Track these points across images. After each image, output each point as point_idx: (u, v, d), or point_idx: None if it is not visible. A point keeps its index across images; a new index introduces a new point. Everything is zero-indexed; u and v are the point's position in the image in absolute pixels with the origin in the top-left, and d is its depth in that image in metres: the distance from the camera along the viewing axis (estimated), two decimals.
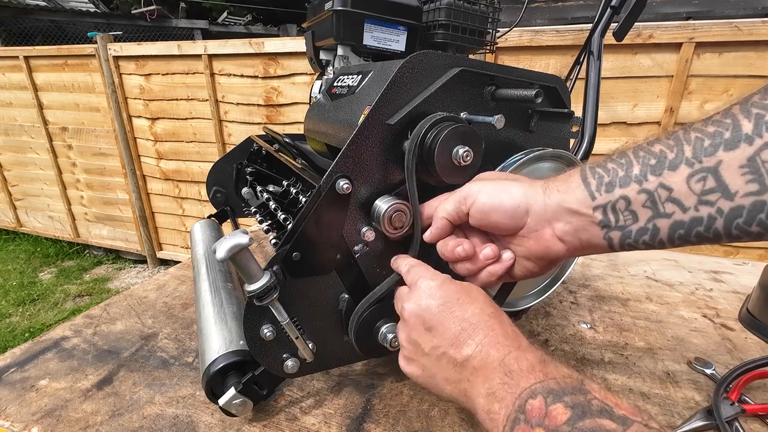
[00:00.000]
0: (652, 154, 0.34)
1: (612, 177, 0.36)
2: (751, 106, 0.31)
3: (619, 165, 0.36)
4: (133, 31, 6.16)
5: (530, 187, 0.42)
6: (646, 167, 0.34)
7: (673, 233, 0.34)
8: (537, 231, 0.41)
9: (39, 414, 0.56)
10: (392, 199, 0.50)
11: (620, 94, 1.80)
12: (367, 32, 0.69)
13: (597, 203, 0.37)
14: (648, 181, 0.34)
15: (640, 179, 0.35)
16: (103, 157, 3.12)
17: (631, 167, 0.35)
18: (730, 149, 0.30)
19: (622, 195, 0.36)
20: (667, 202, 0.33)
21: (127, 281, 3.26)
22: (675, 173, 0.33)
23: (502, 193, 0.42)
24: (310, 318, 0.53)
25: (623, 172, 0.36)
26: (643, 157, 0.35)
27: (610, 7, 0.81)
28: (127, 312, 0.81)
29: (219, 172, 1.00)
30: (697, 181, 0.32)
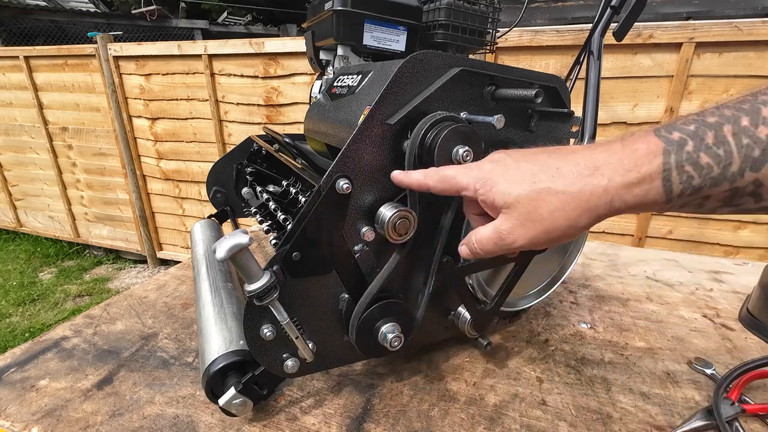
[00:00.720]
0: (758, 141, 0.29)
1: (703, 179, 0.31)
2: None
3: (715, 159, 0.30)
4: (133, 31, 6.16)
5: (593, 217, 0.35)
6: (747, 162, 0.29)
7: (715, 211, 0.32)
8: None
9: (39, 414, 0.56)
10: (397, 205, 0.50)
11: (620, 94, 1.80)
12: (367, 32, 0.69)
13: (672, 204, 0.33)
14: (743, 179, 0.29)
15: (735, 177, 0.30)
16: (103, 157, 3.12)
17: (730, 164, 0.30)
18: None
19: (705, 195, 0.31)
20: (747, 196, 0.30)
21: (127, 281, 3.26)
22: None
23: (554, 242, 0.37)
24: (310, 318, 0.53)
25: (719, 170, 0.30)
26: (747, 147, 0.29)
27: (610, 7, 0.81)
28: (127, 312, 0.81)
29: (219, 172, 1.00)
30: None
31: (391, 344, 0.52)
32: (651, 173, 0.32)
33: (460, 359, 0.67)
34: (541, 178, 0.36)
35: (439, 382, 0.62)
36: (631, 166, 0.33)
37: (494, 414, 0.56)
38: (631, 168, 0.33)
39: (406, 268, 0.57)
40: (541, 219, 0.36)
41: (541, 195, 0.36)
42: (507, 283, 0.62)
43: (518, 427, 0.54)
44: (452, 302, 0.63)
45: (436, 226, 0.55)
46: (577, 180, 0.35)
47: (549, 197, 0.36)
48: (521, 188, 0.37)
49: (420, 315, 0.57)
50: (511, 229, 0.38)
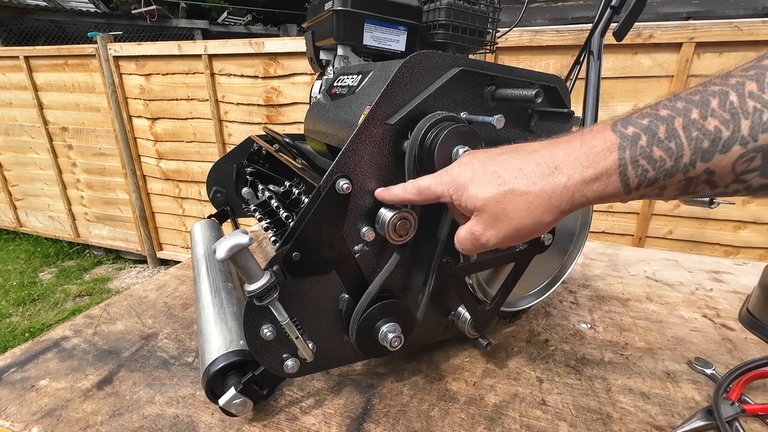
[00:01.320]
0: (706, 134, 0.30)
1: (657, 171, 0.32)
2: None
3: (668, 152, 0.32)
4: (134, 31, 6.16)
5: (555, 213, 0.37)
6: (697, 153, 0.31)
7: (677, 197, 0.33)
8: None
9: (39, 414, 0.56)
10: (397, 207, 0.51)
11: (620, 94, 1.80)
12: (367, 32, 0.69)
13: (629, 195, 0.35)
14: (694, 169, 0.31)
15: (687, 168, 0.31)
16: (104, 157, 3.12)
17: (682, 156, 0.31)
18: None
19: (661, 185, 0.33)
20: (702, 184, 0.31)
21: (127, 281, 3.26)
22: (725, 156, 0.30)
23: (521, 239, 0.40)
24: (310, 318, 0.53)
25: (672, 162, 0.32)
26: (696, 139, 0.30)
27: (610, 7, 0.81)
28: (127, 312, 0.81)
29: (219, 172, 1.00)
30: (743, 163, 0.29)
31: (391, 344, 0.52)
32: (608, 169, 0.34)
33: (460, 359, 0.67)
34: (506, 179, 0.39)
35: (439, 382, 0.62)
36: (589, 163, 0.35)
37: (494, 414, 0.56)
38: (588, 165, 0.35)
39: (406, 268, 0.57)
40: (509, 219, 0.39)
41: (506, 197, 0.38)
42: (507, 283, 0.62)
43: (518, 427, 0.54)
44: (452, 302, 0.63)
45: (436, 226, 0.55)
46: (538, 180, 0.37)
47: (513, 198, 0.38)
48: (487, 191, 0.39)
49: (420, 315, 0.57)
50: (483, 230, 0.41)
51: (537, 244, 0.59)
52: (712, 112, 0.30)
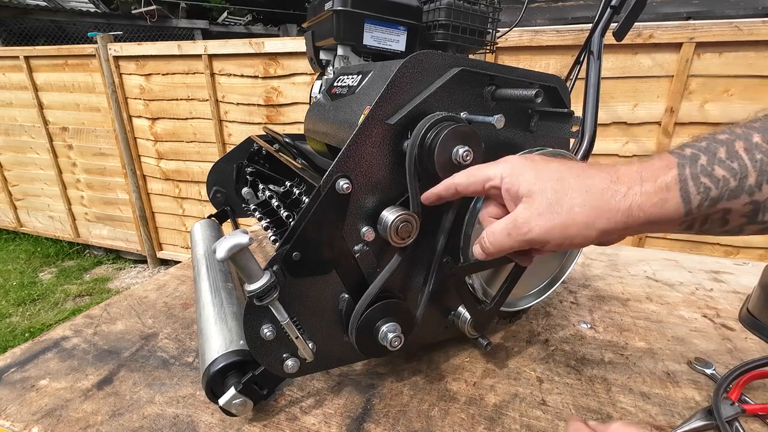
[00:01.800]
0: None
1: (721, 190, 0.31)
2: None
3: (731, 172, 0.31)
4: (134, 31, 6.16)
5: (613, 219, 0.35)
6: (763, 175, 0.30)
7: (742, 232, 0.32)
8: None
9: (39, 414, 0.56)
10: (399, 209, 0.51)
11: (620, 94, 1.80)
12: (367, 32, 0.69)
13: (691, 217, 0.33)
14: (761, 192, 0.30)
15: (753, 190, 0.30)
16: (104, 157, 3.12)
17: (746, 177, 0.30)
18: None
19: (725, 208, 0.31)
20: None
21: (127, 281, 3.26)
22: None
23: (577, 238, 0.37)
24: (310, 318, 0.53)
25: (735, 183, 0.30)
26: (761, 162, 0.30)
27: (610, 7, 0.81)
28: (127, 312, 0.81)
29: (219, 172, 1.00)
30: None
31: (391, 344, 0.52)
32: (668, 183, 0.33)
33: (460, 359, 0.67)
34: (567, 175, 0.38)
35: (439, 382, 0.62)
36: (648, 176, 0.34)
37: (494, 414, 0.56)
38: (647, 179, 0.34)
39: (407, 268, 0.57)
40: (561, 211, 0.36)
41: (565, 188, 0.37)
42: (507, 283, 0.62)
43: (518, 427, 0.54)
44: (452, 302, 0.63)
45: (436, 226, 0.55)
46: (600, 183, 0.36)
47: (572, 192, 0.36)
48: (548, 180, 0.38)
49: (420, 315, 0.57)
50: (529, 218, 0.38)
51: None
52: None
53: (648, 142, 1.84)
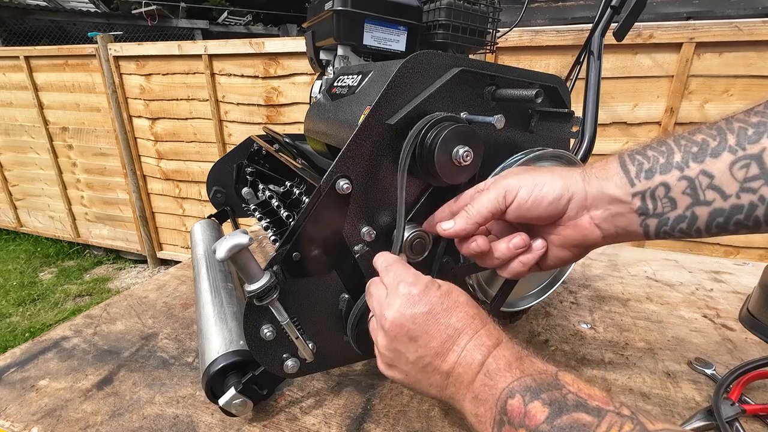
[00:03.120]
0: (693, 142, 0.34)
1: (652, 163, 0.36)
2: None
3: (659, 152, 0.36)
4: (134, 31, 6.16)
5: (569, 176, 0.41)
6: (687, 154, 0.34)
7: (711, 221, 0.34)
8: (575, 219, 0.41)
9: (39, 414, 0.56)
10: (413, 226, 0.52)
11: (620, 94, 1.80)
12: (367, 32, 0.69)
13: (636, 189, 0.37)
14: (689, 168, 0.34)
15: (681, 166, 0.34)
16: (104, 157, 3.12)
17: (672, 154, 0.35)
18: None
19: (662, 182, 0.35)
20: (708, 189, 0.33)
21: (127, 281, 3.26)
22: (717, 160, 0.33)
23: (545, 185, 0.41)
24: (310, 318, 0.53)
25: (664, 159, 0.36)
26: (685, 145, 0.35)
27: (610, 7, 0.81)
28: (127, 312, 0.81)
29: (219, 172, 1.00)
30: (739, 168, 0.32)
31: None
32: (609, 159, 0.40)
33: None
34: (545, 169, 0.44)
35: None
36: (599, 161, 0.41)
37: None
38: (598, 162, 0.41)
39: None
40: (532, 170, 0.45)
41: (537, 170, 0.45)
42: (507, 283, 0.62)
43: None
44: None
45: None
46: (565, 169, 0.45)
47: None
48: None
49: None
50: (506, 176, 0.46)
51: None
52: (699, 131, 0.35)
53: None
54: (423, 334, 0.38)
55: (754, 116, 0.32)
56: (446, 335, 0.37)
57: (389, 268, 0.44)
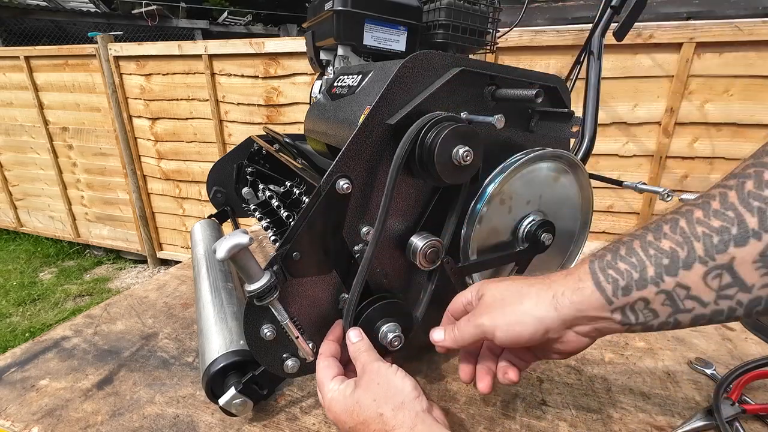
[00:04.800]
0: (663, 252, 0.35)
1: (627, 281, 0.36)
2: (750, 197, 0.31)
3: (631, 266, 0.36)
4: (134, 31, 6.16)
5: (542, 306, 0.40)
6: (660, 268, 0.35)
7: (695, 323, 0.35)
8: (560, 338, 0.42)
9: (39, 414, 0.56)
10: (427, 235, 0.53)
11: (620, 94, 1.80)
12: (367, 32, 0.69)
13: (615, 306, 0.37)
14: (665, 282, 0.34)
15: (656, 281, 0.35)
16: (104, 157, 3.12)
17: (645, 269, 0.35)
18: (741, 245, 0.31)
19: (641, 297, 0.36)
20: (687, 299, 0.34)
21: (127, 281, 3.26)
22: (690, 272, 0.33)
23: (516, 325, 0.41)
24: (310, 318, 0.53)
25: (638, 275, 0.36)
26: (655, 257, 0.35)
27: (610, 7, 0.81)
28: (127, 312, 0.81)
29: (219, 172, 1.00)
30: (713, 278, 0.32)
31: (391, 344, 0.52)
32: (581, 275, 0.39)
33: None
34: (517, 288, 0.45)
35: (439, 382, 0.62)
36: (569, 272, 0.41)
37: (494, 414, 0.56)
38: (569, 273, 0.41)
39: (407, 268, 0.57)
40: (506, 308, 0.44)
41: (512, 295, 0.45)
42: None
43: (518, 427, 0.54)
44: None
45: (438, 227, 0.55)
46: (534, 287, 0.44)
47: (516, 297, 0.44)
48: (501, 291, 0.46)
49: (420, 315, 0.57)
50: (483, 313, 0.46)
51: (537, 243, 0.59)
52: (664, 235, 0.35)
53: (648, 142, 1.84)
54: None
55: (714, 219, 0.33)
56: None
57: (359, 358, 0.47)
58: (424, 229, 0.55)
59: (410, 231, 0.55)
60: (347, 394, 0.44)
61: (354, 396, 0.43)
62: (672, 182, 1.86)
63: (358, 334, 0.50)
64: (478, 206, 0.55)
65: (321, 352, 0.52)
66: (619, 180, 0.81)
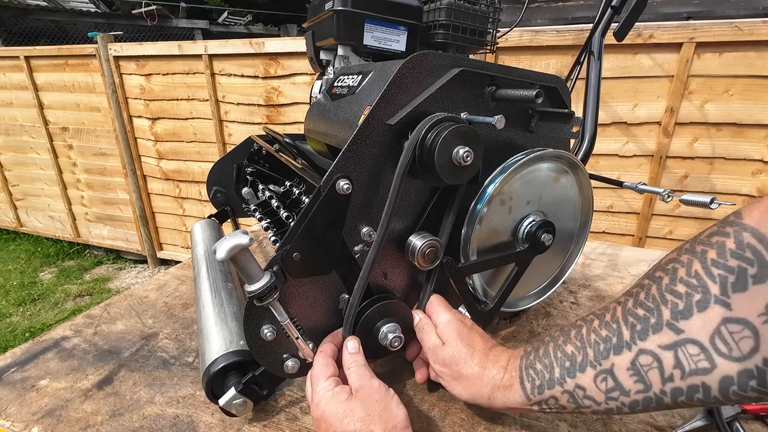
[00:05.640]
0: (566, 356, 0.41)
1: (541, 380, 0.43)
2: (628, 313, 0.37)
3: (545, 367, 0.43)
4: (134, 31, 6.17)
5: (477, 393, 0.48)
6: (563, 370, 0.41)
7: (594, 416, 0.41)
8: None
9: (39, 414, 0.56)
10: (426, 235, 0.53)
11: (620, 94, 1.80)
12: (367, 32, 0.69)
13: (533, 401, 0.44)
14: (566, 383, 0.41)
15: (561, 381, 0.41)
16: (104, 157, 3.12)
17: (554, 370, 0.42)
18: (618, 354, 0.37)
19: (551, 395, 0.42)
20: (585, 398, 0.40)
21: (127, 281, 3.26)
22: (584, 374, 0.39)
23: (454, 390, 0.50)
24: (310, 318, 0.53)
25: (548, 375, 0.42)
26: (561, 359, 0.42)
27: (610, 7, 0.81)
28: (127, 312, 0.81)
29: (219, 172, 1.00)
30: (600, 381, 0.38)
31: (391, 344, 0.53)
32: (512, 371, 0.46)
33: None
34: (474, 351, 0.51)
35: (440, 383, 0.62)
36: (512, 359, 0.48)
37: (494, 414, 0.56)
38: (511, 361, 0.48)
39: (407, 268, 0.57)
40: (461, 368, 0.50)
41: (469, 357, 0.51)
42: (507, 283, 0.62)
43: (518, 427, 0.54)
44: (453, 302, 0.63)
45: (437, 227, 0.55)
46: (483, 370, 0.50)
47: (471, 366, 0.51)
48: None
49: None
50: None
51: (537, 244, 0.59)
52: (570, 340, 0.41)
53: (648, 142, 1.84)
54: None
55: (604, 329, 0.38)
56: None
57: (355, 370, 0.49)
58: (423, 228, 0.55)
59: (409, 230, 0.55)
60: (341, 400, 0.45)
61: (349, 404, 0.44)
62: (672, 182, 1.86)
63: (356, 345, 0.51)
64: (478, 206, 0.55)
65: (321, 350, 0.52)
66: (619, 180, 0.81)
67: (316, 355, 0.52)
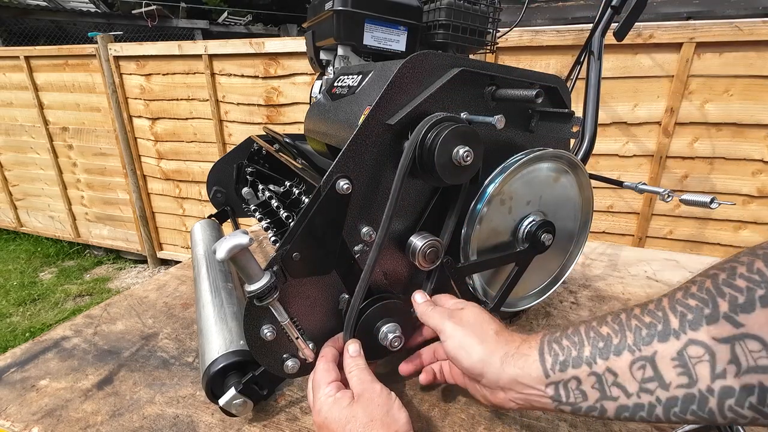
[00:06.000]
0: (600, 336, 0.38)
1: (566, 356, 0.39)
2: (677, 303, 0.34)
3: (572, 344, 0.39)
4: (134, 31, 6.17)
5: (490, 353, 0.44)
6: (595, 349, 0.37)
7: (619, 414, 0.36)
8: (491, 390, 0.44)
9: (39, 414, 0.56)
10: (427, 235, 0.53)
11: (620, 94, 1.80)
12: (367, 32, 0.69)
13: (550, 380, 0.40)
14: (597, 365, 0.37)
15: (590, 361, 0.37)
16: (104, 157, 3.12)
17: (583, 348, 0.38)
18: (663, 341, 0.34)
19: (574, 375, 0.38)
20: (613, 386, 0.36)
21: (127, 281, 3.26)
22: (619, 358, 0.36)
23: (461, 349, 0.45)
24: (310, 318, 0.53)
25: (576, 352, 0.39)
26: (593, 339, 0.38)
27: (610, 7, 0.81)
28: (127, 312, 0.81)
29: (219, 172, 1.00)
30: (637, 369, 0.35)
31: (391, 344, 0.53)
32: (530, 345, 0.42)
33: None
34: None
35: (440, 383, 0.62)
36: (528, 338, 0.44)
37: (494, 414, 0.56)
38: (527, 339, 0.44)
39: (407, 268, 0.57)
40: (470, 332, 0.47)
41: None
42: (507, 283, 0.62)
43: (518, 427, 0.54)
44: None
45: (438, 227, 0.55)
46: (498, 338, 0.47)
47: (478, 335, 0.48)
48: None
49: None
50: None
51: (537, 244, 0.59)
52: (605, 322, 0.38)
53: (648, 142, 1.84)
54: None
55: (647, 315, 0.36)
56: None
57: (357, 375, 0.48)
58: (423, 228, 0.55)
59: (410, 231, 0.55)
60: (344, 405, 0.45)
61: (351, 409, 0.44)
62: (672, 182, 1.86)
63: (357, 348, 0.51)
64: (479, 206, 0.55)
65: (322, 354, 0.52)
66: (619, 180, 0.81)
67: (317, 360, 0.52)
